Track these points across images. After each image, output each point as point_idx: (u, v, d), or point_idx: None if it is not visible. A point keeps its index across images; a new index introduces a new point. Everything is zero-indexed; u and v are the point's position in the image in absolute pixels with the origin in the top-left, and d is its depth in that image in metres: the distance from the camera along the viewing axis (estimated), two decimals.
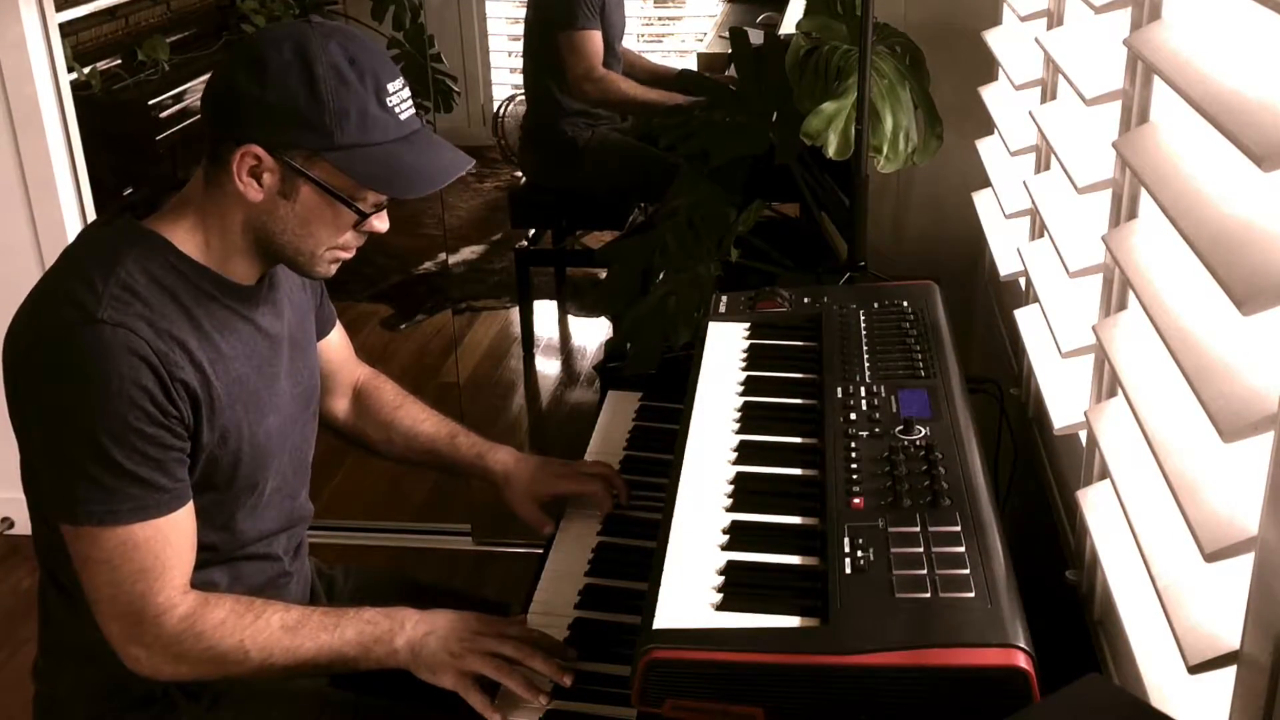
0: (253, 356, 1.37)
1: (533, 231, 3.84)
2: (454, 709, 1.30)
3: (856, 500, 1.22)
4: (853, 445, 1.31)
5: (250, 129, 1.26)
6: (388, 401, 1.69)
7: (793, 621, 1.11)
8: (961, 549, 1.14)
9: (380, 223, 1.34)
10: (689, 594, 1.16)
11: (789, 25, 3.37)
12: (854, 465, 1.28)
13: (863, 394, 1.41)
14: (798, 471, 1.34)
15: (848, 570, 1.13)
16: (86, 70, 3.71)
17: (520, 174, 3.96)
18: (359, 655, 1.32)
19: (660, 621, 1.12)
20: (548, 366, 3.81)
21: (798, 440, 1.39)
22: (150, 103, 3.83)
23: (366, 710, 1.46)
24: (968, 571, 1.11)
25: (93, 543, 1.27)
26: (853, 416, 1.37)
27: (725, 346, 1.61)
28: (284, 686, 1.41)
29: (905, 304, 1.62)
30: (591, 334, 3.96)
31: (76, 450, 1.25)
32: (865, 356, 1.49)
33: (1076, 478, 1.48)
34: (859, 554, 1.14)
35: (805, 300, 1.68)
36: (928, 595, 1.09)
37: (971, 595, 1.08)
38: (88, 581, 1.29)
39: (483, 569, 2.82)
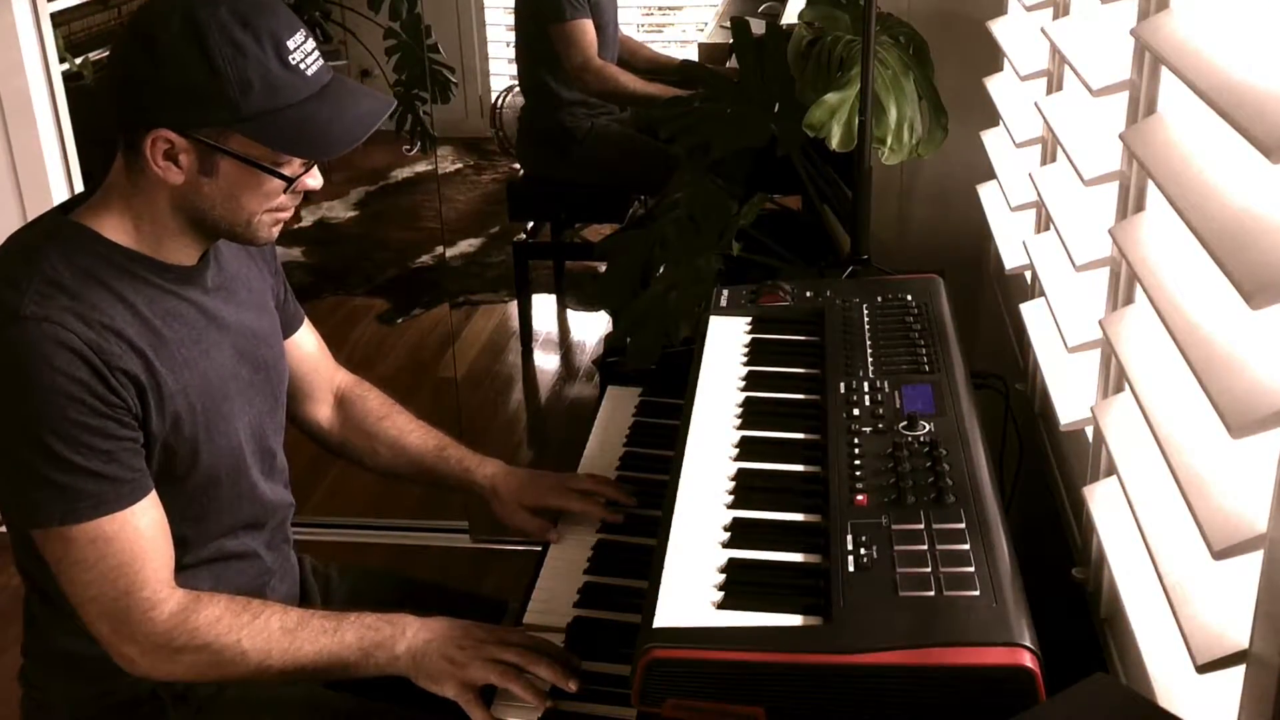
0: (199, 340, 1.34)
1: (531, 224, 3.82)
2: (450, 713, 1.28)
3: (860, 497, 1.21)
4: (856, 441, 1.30)
5: (155, 113, 1.23)
6: (373, 411, 1.65)
7: (795, 620, 1.10)
8: (966, 546, 1.13)
9: (312, 180, 1.31)
10: (690, 592, 1.14)
11: (791, 15, 3.36)
12: (857, 461, 1.27)
13: (866, 389, 1.40)
14: (800, 468, 1.33)
15: (851, 568, 1.12)
16: (78, 61, 3.68)
17: (518, 166, 3.95)
18: (359, 660, 1.30)
19: (660, 620, 1.11)
20: (546, 361, 3.79)
21: (800, 436, 1.38)
22: None
23: (360, 715, 1.44)
24: (972, 569, 1.10)
25: (62, 545, 1.24)
26: (856, 412, 1.36)
27: (726, 341, 1.60)
28: (276, 691, 1.39)
29: (909, 298, 1.61)
30: (591, 328, 3.94)
31: (23, 453, 1.22)
32: (868, 351, 1.48)
33: (1083, 474, 1.47)
34: (862, 551, 1.13)
35: (807, 294, 1.66)
36: (932, 593, 1.08)
37: (976, 593, 1.07)
38: (68, 585, 1.26)
39: (480, 567, 2.80)
